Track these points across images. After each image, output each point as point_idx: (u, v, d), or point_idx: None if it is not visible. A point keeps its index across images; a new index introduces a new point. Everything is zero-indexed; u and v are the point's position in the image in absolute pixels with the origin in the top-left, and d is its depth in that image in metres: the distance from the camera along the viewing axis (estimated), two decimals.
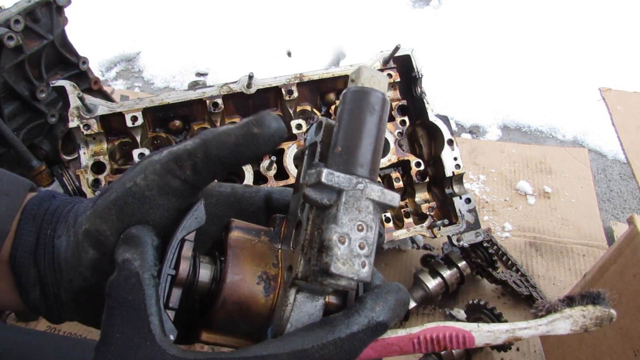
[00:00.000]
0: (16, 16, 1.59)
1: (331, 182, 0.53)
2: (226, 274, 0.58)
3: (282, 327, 0.56)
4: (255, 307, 0.58)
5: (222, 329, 0.59)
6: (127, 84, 2.95)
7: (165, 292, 0.54)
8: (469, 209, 1.64)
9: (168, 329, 0.52)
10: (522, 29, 3.25)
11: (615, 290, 1.18)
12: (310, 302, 0.57)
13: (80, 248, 0.59)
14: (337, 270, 0.51)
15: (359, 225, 0.53)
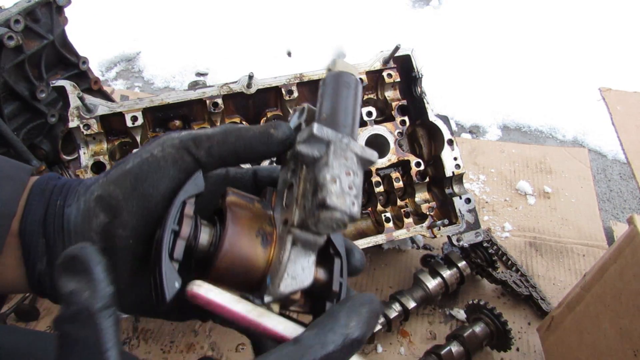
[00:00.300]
0: (16, 16, 1.59)
1: (321, 134, 0.59)
2: (228, 227, 0.61)
3: (280, 275, 0.59)
4: (255, 258, 0.61)
5: (222, 281, 0.60)
6: (127, 84, 2.95)
7: (169, 244, 0.57)
8: (468, 209, 1.64)
9: (174, 278, 0.55)
10: (522, 28, 3.26)
11: (615, 290, 1.18)
12: (304, 256, 0.61)
13: (92, 213, 0.60)
14: (332, 203, 0.56)
15: (346, 170, 0.59)
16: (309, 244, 0.61)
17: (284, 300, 0.62)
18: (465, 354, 1.49)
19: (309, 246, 0.61)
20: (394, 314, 1.56)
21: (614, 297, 1.18)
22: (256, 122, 1.67)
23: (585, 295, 1.28)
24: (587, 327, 1.26)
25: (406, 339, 1.64)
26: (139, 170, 0.60)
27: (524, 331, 1.65)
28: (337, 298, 0.66)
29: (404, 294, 1.61)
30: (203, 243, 0.61)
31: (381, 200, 1.69)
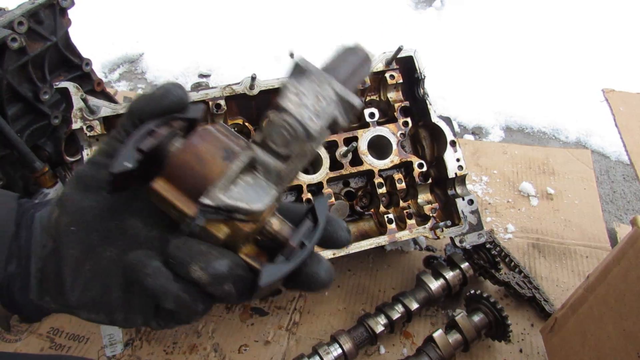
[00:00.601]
0: (20, 18, 1.59)
1: (304, 65, 0.61)
2: (193, 133, 0.62)
3: (225, 182, 0.59)
4: (210, 165, 0.60)
5: (174, 179, 0.61)
6: (130, 85, 2.95)
7: (140, 137, 0.61)
8: (471, 210, 1.64)
9: (127, 158, 0.60)
10: (525, 30, 3.25)
11: (618, 292, 1.18)
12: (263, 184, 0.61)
13: (52, 210, 0.69)
14: (285, 105, 0.58)
15: (316, 95, 0.60)
16: (268, 170, 0.61)
17: (225, 214, 0.59)
18: (464, 342, 1.49)
19: (269, 173, 0.61)
20: (397, 315, 1.56)
21: (618, 298, 1.18)
22: (259, 123, 1.67)
23: (588, 296, 1.27)
24: (590, 329, 1.26)
25: (409, 340, 1.64)
26: (82, 168, 0.69)
27: (527, 332, 1.65)
28: (293, 255, 0.62)
29: (407, 295, 1.61)
30: (174, 147, 0.62)
31: (384, 202, 1.69)
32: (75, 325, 1.65)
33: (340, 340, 1.48)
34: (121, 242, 0.68)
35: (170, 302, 0.61)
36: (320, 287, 0.65)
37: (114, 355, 1.58)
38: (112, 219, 0.68)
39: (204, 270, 0.59)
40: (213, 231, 0.60)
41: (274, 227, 0.64)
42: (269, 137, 0.59)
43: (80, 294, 0.67)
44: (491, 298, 1.53)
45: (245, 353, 1.59)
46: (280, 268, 0.60)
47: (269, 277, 0.59)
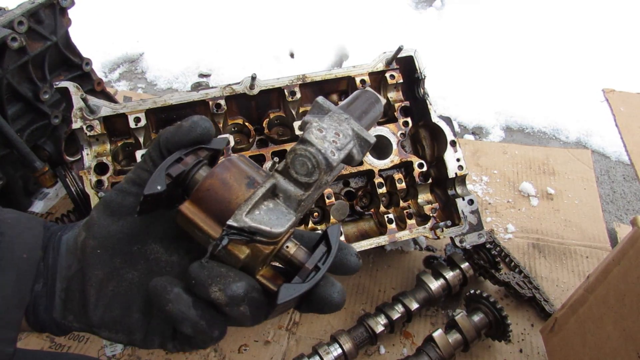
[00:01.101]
0: (20, 17, 1.59)
1: (324, 103, 0.68)
2: (219, 163, 0.68)
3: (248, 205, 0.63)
4: (235, 191, 0.66)
5: (201, 203, 0.66)
6: (130, 85, 2.95)
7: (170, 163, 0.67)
8: (471, 210, 1.64)
9: (159, 182, 0.65)
10: (525, 30, 3.25)
11: (618, 292, 1.18)
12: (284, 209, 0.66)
13: (78, 233, 0.74)
14: (308, 137, 0.63)
15: (336, 131, 0.65)
16: (289, 196, 0.65)
17: (247, 236, 0.63)
18: (463, 342, 1.49)
19: (289, 200, 0.66)
20: (397, 315, 1.56)
21: (618, 298, 1.17)
22: (259, 123, 1.67)
23: (588, 297, 1.27)
24: (590, 329, 1.26)
25: (409, 340, 1.63)
26: (110, 194, 0.73)
27: (527, 333, 1.65)
28: (309, 277, 0.66)
29: (407, 295, 1.61)
30: (199, 177, 0.68)
31: (384, 202, 1.69)
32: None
33: (340, 340, 1.48)
34: (143, 265, 0.73)
35: (188, 328, 0.64)
36: (334, 309, 0.69)
37: (114, 355, 1.58)
38: (135, 244, 0.73)
39: (222, 291, 0.62)
40: (235, 252, 0.64)
41: (290, 251, 0.68)
42: (292, 166, 0.64)
43: (102, 314, 0.71)
44: (491, 298, 1.53)
45: (245, 353, 1.59)
46: (297, 287, 0.64)
47: (287, 296, 0.63)
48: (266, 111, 1.67)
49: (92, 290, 0.71)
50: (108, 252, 0.72)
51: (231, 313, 0.64)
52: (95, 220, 0.73)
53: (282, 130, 1.70)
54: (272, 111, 1.67)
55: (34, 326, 0.75)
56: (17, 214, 0.78)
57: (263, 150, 1.58)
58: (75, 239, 0.74)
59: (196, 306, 0.64)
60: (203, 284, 0.63)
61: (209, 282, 0.63)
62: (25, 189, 1.91)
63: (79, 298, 0.72)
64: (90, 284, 0.72)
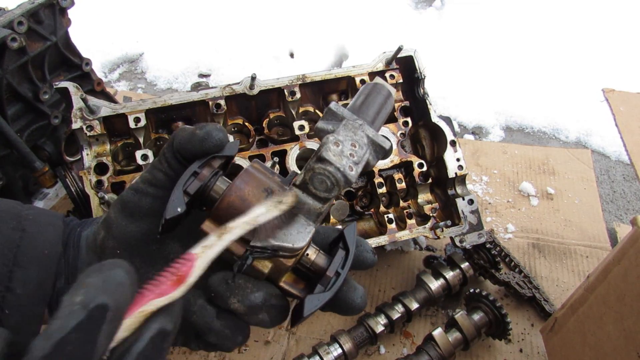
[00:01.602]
0: (19, 18, 1.59)
1: (337, 110, 0.67)
2: (237, 177, 0.67)
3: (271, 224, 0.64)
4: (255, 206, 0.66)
5: (222, 220, 0.65)
6: (130, 85, 2.95)
7: (186, 180, 0.67)
8: (471, 210, 1.64)
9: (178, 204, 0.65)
10: (525, 30, 3.25)
11: (618, 292, 1.18)
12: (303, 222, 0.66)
13: (97, 231, 0.75)
14: (327, 156, 0.63)
15: (352, 142, 0.66)
16: (308, 210, 0.66)
17: (271, 253, 0.64)
18: (463, 341, 1.49)
19: (308, 213, 0.66)
20: (397, 315, 1.56)
21: (618, 298, 1.17)
22: (259, 123, 1.67)
23: (588, 296, 1.27)
24: (590, 329, 1.26)
25: (409, 340, 1.63)
26: (127, 194, 0.73)
27: (527, 332, 1.65)
28: (330, 284, 0.67)
29: (407, 295, 1.61)
30: (217, 189, 0.68)
31: (384, 202, 1.69)
32: None
33: (340, 340, 1.47)
34: (162, 265, 0.73)
35: (213, 338, 0.67)
36: (356, 312, 0.72)
37: None
38: (153, 243, 0.74)
39: (241, 302, 0.65)
40: (259, 267, 0.66)
41: (310, 258, 0.69)
42: (311, 183, 0.65)
43: None
44: (490, 296, 1.53)
45: (245, 353, 1.59)
46: (320, 297, 0.66)
47: (312, 307, 0.66)
48: (266, 111, 1.67)
49: None
50: (127, 252, 0.73)
51: (250, 321, 0.67)
52: (113, 220, 0.74)
53: (282, 130, 1.70)
54: (272, 111, 1.67)
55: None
56: (38, 209, 0.78)
57: (263, 150, 1.58)
58: (95, 237, 0.75)
59: (219, 317, 0.67)
60: (222, 296, 0.66)
61: (227, 295, 0.65)
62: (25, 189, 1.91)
63: None
64: None
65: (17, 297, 0.69)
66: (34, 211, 0.78)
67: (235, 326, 0.68)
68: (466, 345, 1.51)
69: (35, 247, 0.73)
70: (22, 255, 0.71)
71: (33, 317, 0.71)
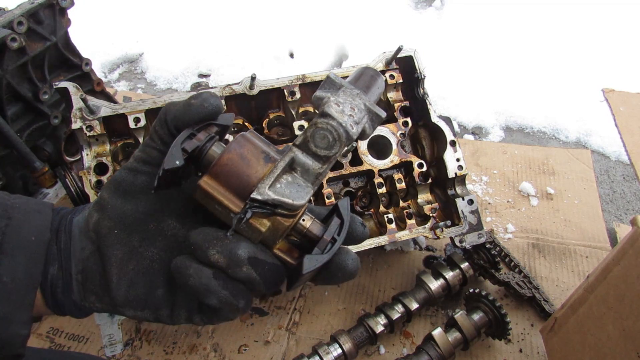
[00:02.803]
0: (19, 18, 1.59)
1: (336, 79, 0.68)
2: (236, 138, 0.68)
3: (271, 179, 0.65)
4: (253, 166, 0.67)
5: (220, 178, 0.66)
6: (129, 85, 2.95)
7: (184, 138, 0.67)
8: (471, 210, 1.64)
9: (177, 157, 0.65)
10: (525, 30, 3.25)
11: (618, 292, 1.18)
12: (302, 183, 0.67)
13: (90, 215, 0.75)
14: (329, 111, 0.64)
15: (351, 106, 0.66)
16: (307, 170, 0.67)
17: (269, 209, 0.64)
18: (463, 341, 1.49)
19: (307, 173, 0.67)
20: (397, 315, 1.56)
21: (618, 298, 1.17)
22: (259, 123, 1.67)
23: (588, 296, 1.27)
24: (590, 329, 1.26)
25: (409, 340, 1.63)
26: (120, 174, 0.74)
27: (527, 332, 1.65)
28: (327, 248, 0.68)
29: (407, 295, 1.61)
30: (213, 151, 0.69)
31: (384, 202, 1.69)
32: (75, 325, 1.65)
33: (340, 340, 1.48)
34: (161, 242, 0.74)
35: (213, 299, 0.66)
36: (348, 277, 0.72)
37: (114, 355, 1.58)
38: (151, 221, 0.74)
39: (220, 253, 0.65)
40: (256, 225, 0.66)
41: (306, 224, 0.70)
42: (312, 140, 0.66)
43: (126, 293, 0.73)
44: (490, 296, 1.53)
45: (245, 353, 1.59)
46: (319, 258, 0.67)
47: (311, 266, 0.66)
48: (266, 111, 1.67)
49: (113, 270, 0.72)
50: (125, 231, 0.73)
51: (235, 275, 0.66)
52: (107, 201, 0.74)
53: (281, 130, 1.70)
54: (271, 111, 1.67)
55: (54, 309, 0.77)
56: (26, 199, 0.78)
57: None
58: (87, 221, 0.75)
59: (217, 277, 0.66)
60: (200, 247, 0.66)
61: (206, 246, 0.65)
62: (25, 189, 1.91)
63: (99, 279, 0.73)
64: (111, 264, 0.73)
65: (3, 285, 0.69)
66: (21, 200, 0.77)
67: (235, 288, 0.67)
68: (466, 345, 1.51)
69: (21, 234, 0.72)
70: (7, 242, 0.71)
71: (22, 305, 0.71)
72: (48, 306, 0.76)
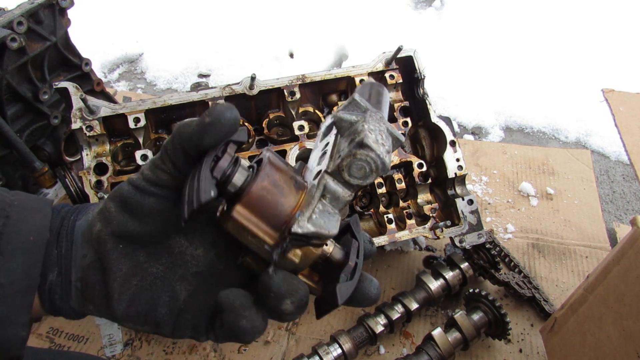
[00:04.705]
0: (19, 18, 1.59)
1: (362, 101, 0.65)
2: (265, 164, 0.65)
3: (310, 211, 0.63)
4: (287, 194, 0.64)
5: (254, 207, 0.64)
6: (129, 85, 2.95)
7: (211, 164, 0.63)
8: (471, 210, 1.64)
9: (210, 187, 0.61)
10: (525, 30, 3.25)
11: (618, 292, 1.18)
12: (330, 211, 0.65)
13: (93, 223, 0.72)
14: (369, 142, 0.61)
15: (380, 132, 0.64)
16: (337, 198, 0.65)
17: (306, 241, 0.63)
18: (463, 341, 1.49)
19: (336, 201, 0.65)
20: (397, 315, 1.56)
21: (617, 298, 1.17)
22: (258, 123, 1.67)
23: (588, 296, 1.27)
24: (590, 329, 1.26)
25: (409, 340, 1.64)
26: (128, 191, 0.70)
27: (527, 332, 1.65)
28: (352, 273, 0.68)
29: (407, 295, 1.61)
30: (238, 179, 0.65)
31: (383, 202, 1.69)
32: (74, 325, 1.65)
33: (340, 340, 1.48)
34: (167, 259, 0.73)
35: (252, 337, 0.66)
36: (371, 303, 0.74)
37: (114, 355, 1.58)
38: (158, 238, 0.72)
39: (294, 304, 0.64)
40: (291, 257, 0.64)
41: (329, 250, 0.69)
42: (348, 170, 0.63)
43: (126, 308, 0.71)
44: (490, 296, 1.53)
45: (244, 353, 1.59)
46: (349, 286, 0.67)
47: (345, 295, 0.66)
48: (266, 111, 1.67)
49: (115, 285, 0.71)
50: (131, 246, 0.72)
51: (287, 320, 0.66)
52: (113, 215, 0.71)
53: (281, 130, 1.70)
54: (271, 111, 1.67)
55: (51, 311, 0.75)
56: (25, 195, 0.76)
57: None
58: (91, 229, 0.72)
59: (265, 318, 0.66)
60: (280, 298, 0.64)
61: (285, 295, 0.64)
62: (24, 189, 1.90)
63: (99, 290, 0.72)
64: (114, 278, 0.71)
65: (1, 287, 0.67)
66: (20, 197, 0.74)
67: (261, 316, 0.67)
68: (466, 345, 1.51)
69: (20, 234, 0.70)
70: (5, 243, 0.68)
71: (21, 307, 0.69)
72: (45, 310, 0.74)
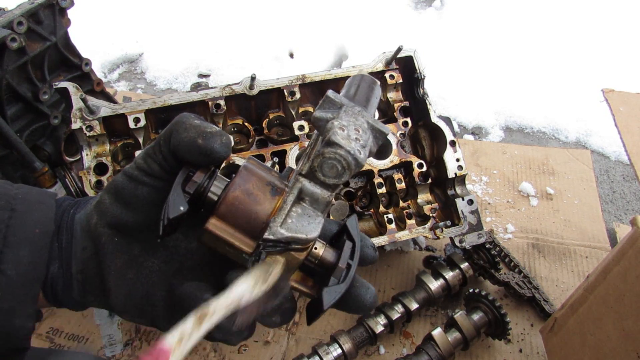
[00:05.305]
0: (19, 18, 1.59)
1: (335, 97, 0.65)
2: (239, 172, 0.65)
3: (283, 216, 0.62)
4: (262, 201, 0.64)
5: (228, 218, 0.64)
6: (129, 85, 2.95)
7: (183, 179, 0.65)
8: (471, 210, 1.64)
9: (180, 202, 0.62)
10: (525, 30, 3.25)
11: (618, 292, 1.18)
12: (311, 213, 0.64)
13: (90, 215, 0.74)
14: (336, 139, 0.60)
15: (355, 127, 0.63)
16: (316, 199, 0.64)
17: (284, 246, 0.62)
18: (463, 341, 1.49)
19: (316, 203, 0.64)
20: (397, 315, 1.56)
21: (617, 298, 1.17)
22: (258, 124, 1.67)
23: (588, 296, 1.27)
24: (590, 329, 1.26)
25: (409, 340, 1.64)
26: (121, 180, 0.71)
27: (527, 333, 1.65)
28: (343, 275, 0.66)
29: (407, 295, 1.61)
30: (213, 192, 0.66)
31: (383, 202, 1.69)
32: (74, 325, 1.65)
33: (340, 340, 1.48)
34: (162, 253, 0.74)
35: (219, 334, 0.66)
36: (366, 311, 0.73)
37: (114, 355, 1.58)
38: (152, 231, 0.71)
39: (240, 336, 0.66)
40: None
41: (319, 252, 0.68)
42: (320, 170, 0.62)
43: (124, 301, 0.72)
44: (490, 296, 1.53)
45: (244, 353, 1.59)
46: (337, 289, 0.65)
47: (331, 299, 0.65)
48: (266, 111, 1.67)
49: (111, 279, 0.72)
50: (126, 239, 0.72)
51: (264, 324, 0.67)
52: (107, 206, 0.72)
53: (281, 130, 1.70)
54: (271, 111, 1.67)
55: (54, 303, 0.76)
56: (29, 188, 0.77)
57: (263, 151, 1.58)
58: (88, 221, 0.74)
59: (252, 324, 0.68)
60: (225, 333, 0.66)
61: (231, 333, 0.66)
62: None
63: (98, 283, 0.73)
64: (109, 271, 0.72)
65: (8, 279, 0.68)
66: (24, 190, 0.76)
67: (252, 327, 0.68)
68: (466, 345, 1.51)
69: (25, 226, 0.71)
70: (12, 235, 0.69)
71: (27, 298, 0.70)
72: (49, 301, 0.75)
